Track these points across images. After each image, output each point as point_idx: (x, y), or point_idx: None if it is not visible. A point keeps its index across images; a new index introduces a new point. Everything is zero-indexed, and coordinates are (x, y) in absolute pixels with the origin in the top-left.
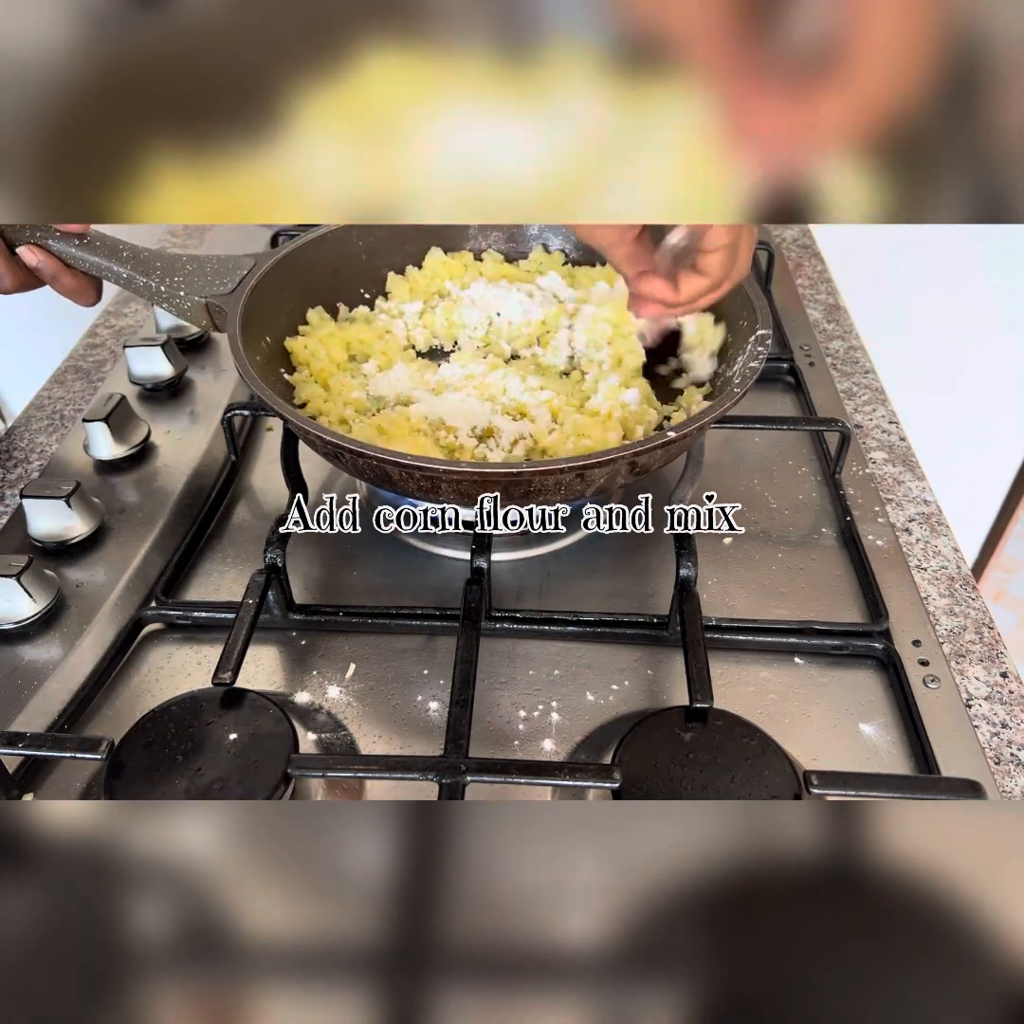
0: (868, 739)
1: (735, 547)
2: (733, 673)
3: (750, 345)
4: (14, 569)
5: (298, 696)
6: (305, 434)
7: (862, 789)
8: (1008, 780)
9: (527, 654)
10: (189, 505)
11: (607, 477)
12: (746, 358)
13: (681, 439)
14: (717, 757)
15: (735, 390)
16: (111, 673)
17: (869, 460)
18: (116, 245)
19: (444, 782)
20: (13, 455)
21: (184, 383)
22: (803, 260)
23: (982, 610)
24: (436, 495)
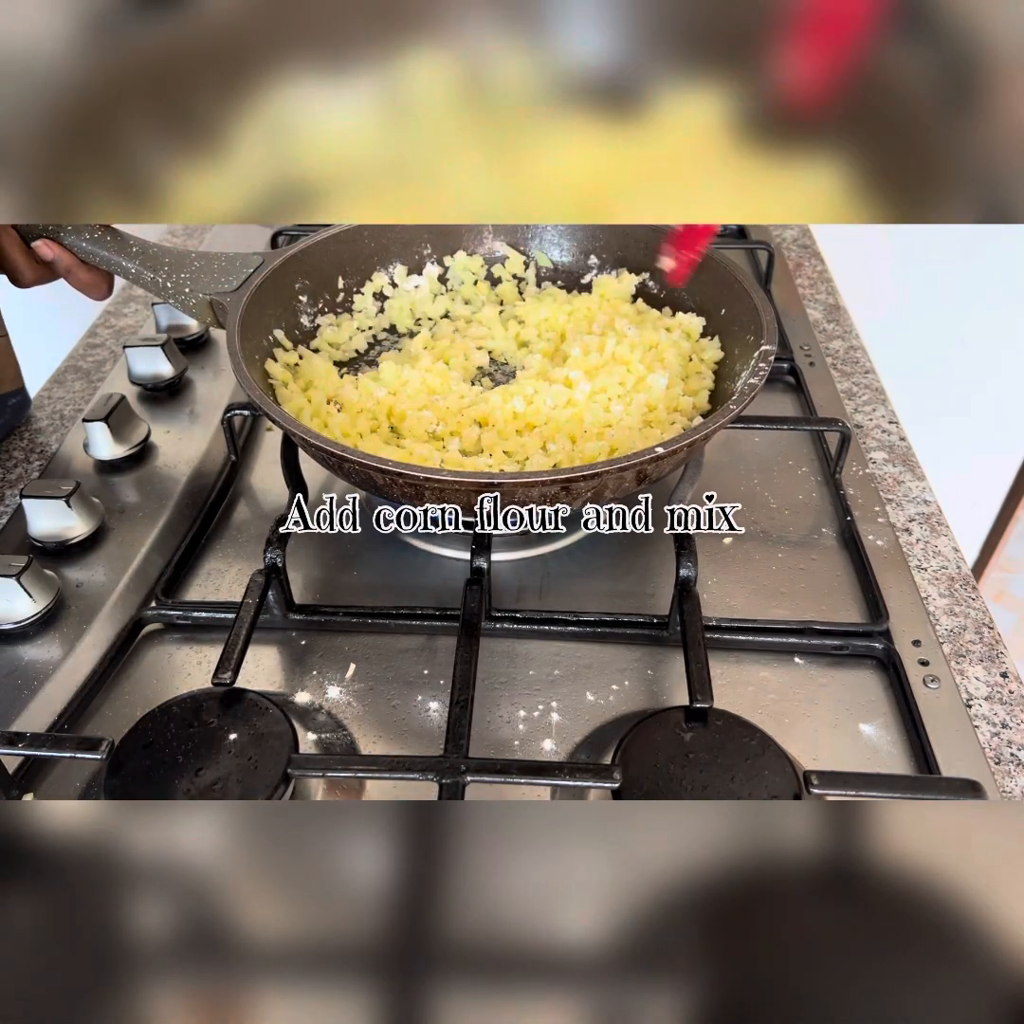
0: (868, 739)
1: (735, 547)
2: (733, 673)
3: (753, 361)
4: (14, 569)
5: (298, 696)
6: (291, 434)
7: (862, 789)
8: (1008, 780)
9: (527, 654)
10: (189, 505)
11: (595, 491)
12: (749, 373)
13: (670, 455)
14: (717, 757)
15: (731, 407)
16: (111, 673)
17: (869, 460)
18: (127, 240)
19: (444, 782)
20: (13, 455)
21: (184, 383)
22: (803, 260)
23: (982, 610)
24: (420, 501)
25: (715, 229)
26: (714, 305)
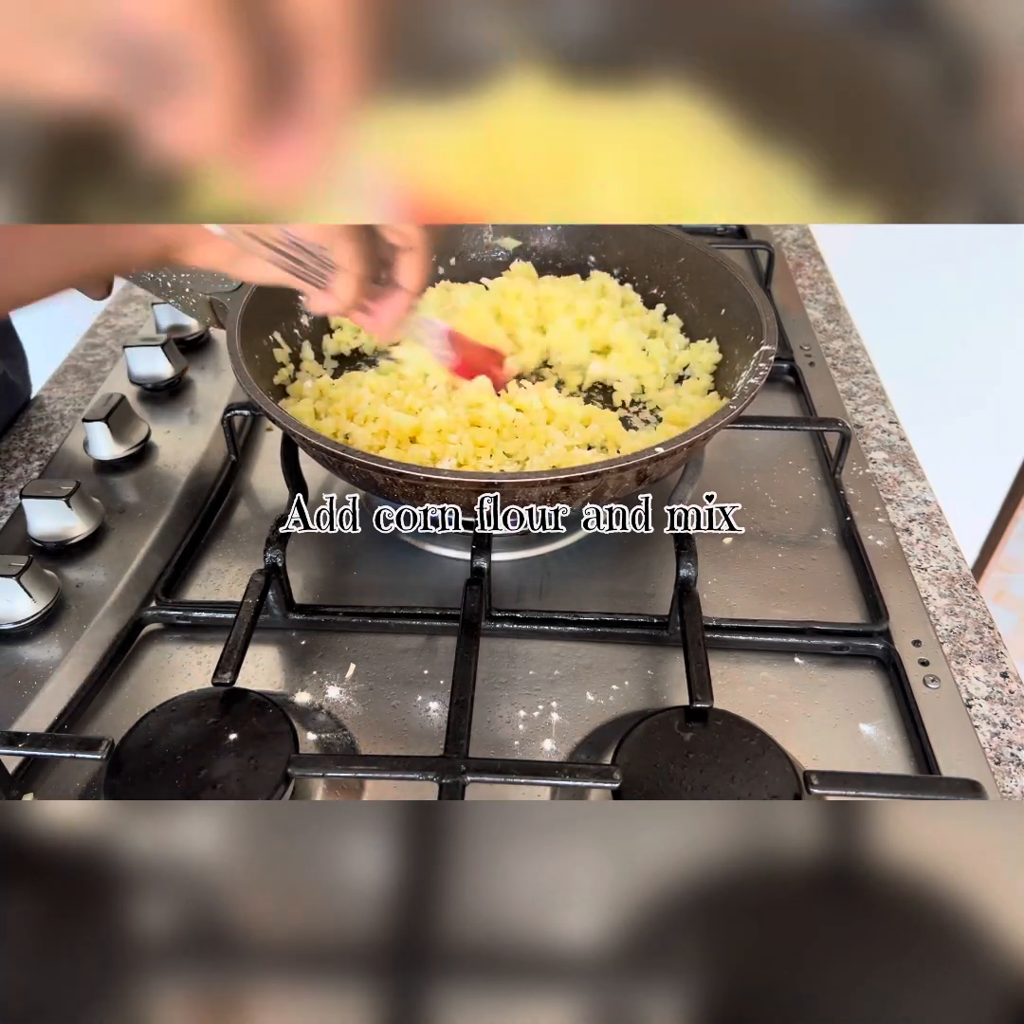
0: (868, 739)
1: (735, 547)
2: (733, 673)
3: (753, 361)
4: (14, 569)
5: (298, 696)
6: (291, 434)
7: (862, 789)
8: (1008, 780)
9: (527, 654)
10: (189, 505)
11: (595, 491)
12: (749, 373)
13: (670, 455)
14: (717, 757)
15: (731, 407)
16: (111, 673)
17: (869, 460)
18: None
19: (444, 782)
20: (13, 455)
21: (184, 383)
22: (803, 260)
23: (982, 610)
24: (421, 501)
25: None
26: (714, 305)
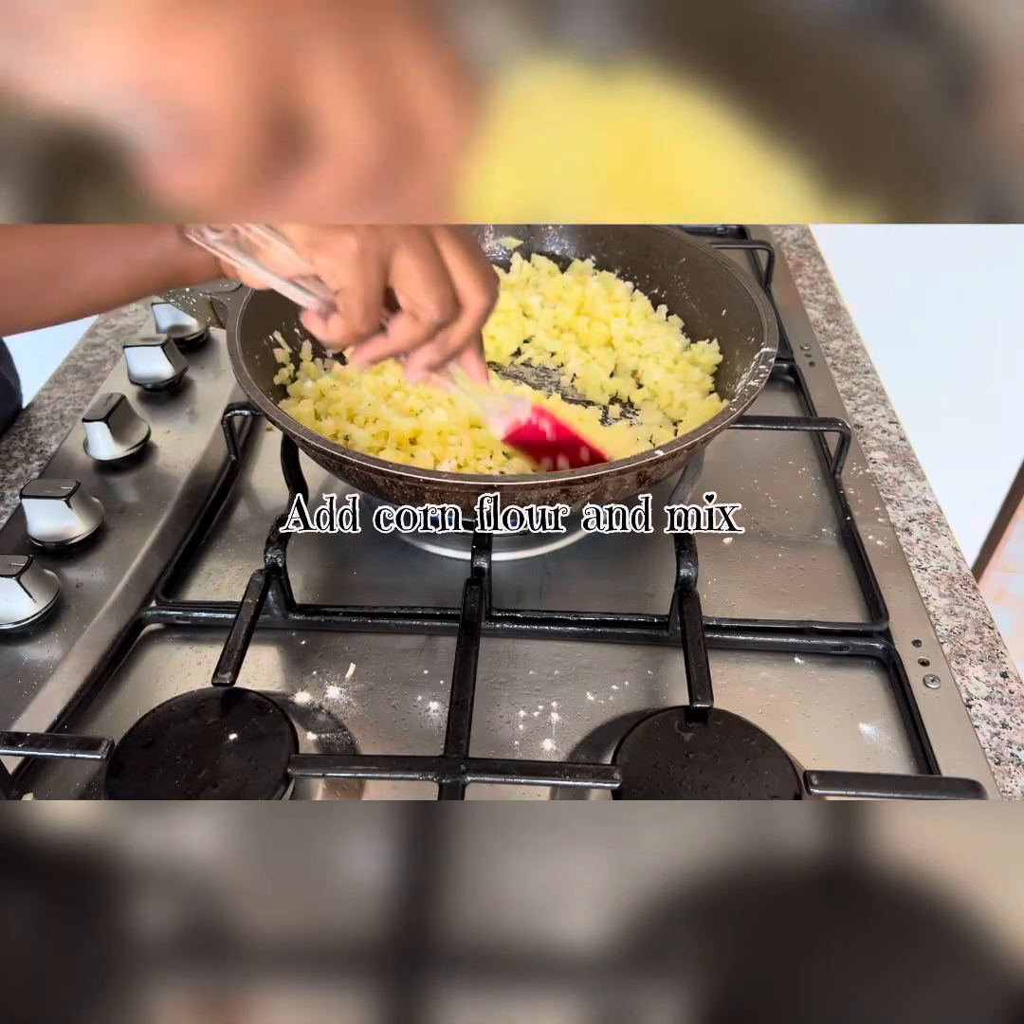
0: (868, 739)
1: (735, 547)
2: (733, 673)
3: (754, 363)
4: (14, 569)
5: (298, 696)
6: (291, 435)
7: (862, 789)
8: (1008, 780)
9: (527, 654)
10: (189, 505)
11: (595, 493)
12: (749, 375)
13: (670, 457)
14: (717, 757)
15: (731, 409)
16: (111, 673)
17: (869, 460)
18: None
19: (444, 782)
20: (13, 455)
21: (184, 383)
22: (803, 260)
23: (982, 610)
24: (421, 502)
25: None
26: (714, 306)
